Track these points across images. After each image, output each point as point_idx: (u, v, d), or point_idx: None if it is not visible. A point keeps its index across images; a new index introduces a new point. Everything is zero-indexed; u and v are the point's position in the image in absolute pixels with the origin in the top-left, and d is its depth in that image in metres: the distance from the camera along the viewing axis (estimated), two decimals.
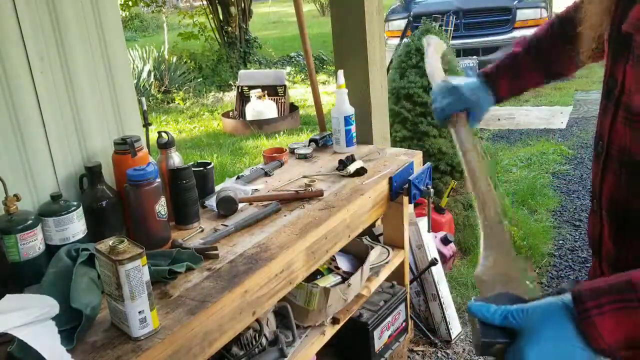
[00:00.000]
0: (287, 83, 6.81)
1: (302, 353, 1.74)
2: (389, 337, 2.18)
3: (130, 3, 9.33)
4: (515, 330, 0.74)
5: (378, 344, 2.11)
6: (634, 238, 0.89)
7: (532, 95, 6.70)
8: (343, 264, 2.05)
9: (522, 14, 6.84)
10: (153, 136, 1.94)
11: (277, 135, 6.07)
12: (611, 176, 0.90)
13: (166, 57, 8.67)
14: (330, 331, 1.86)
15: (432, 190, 2.12)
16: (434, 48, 1.45)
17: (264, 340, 1.69)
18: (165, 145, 1.73)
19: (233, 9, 9.60)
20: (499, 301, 0.79)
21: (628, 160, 0.86)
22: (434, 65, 1.41)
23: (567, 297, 0.72)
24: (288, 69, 9.57)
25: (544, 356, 0.71)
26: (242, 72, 7.13)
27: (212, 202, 1.82)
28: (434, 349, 2.56)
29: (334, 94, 2.59)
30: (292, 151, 2.36)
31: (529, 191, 4.06)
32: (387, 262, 2.15)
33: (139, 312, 1.16)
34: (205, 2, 9.84)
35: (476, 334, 0.78)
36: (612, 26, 0.89)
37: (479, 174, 1.16)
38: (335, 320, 1.87)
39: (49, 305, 1.17)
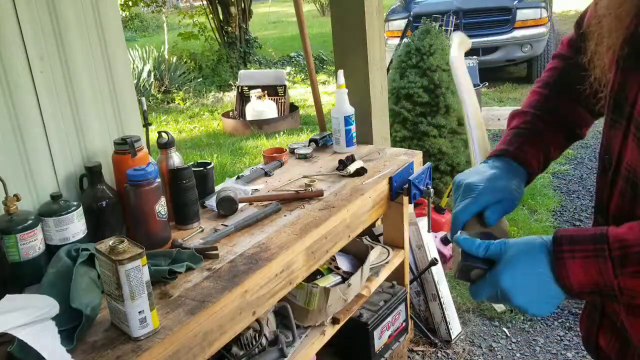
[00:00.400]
0: (287, 83, 6.81)
1: (302, 353, 1.74)
2: (389, 337, 2.18)
3: (130, 3, 9.32)
4: (494, 260, 0.83)
5: (378, 344, 2.11)
6: None
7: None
8: (343, 264, 2.05)
9: (522, 14, 6.83)
10: (153, 136, 1.94)
11: (277, 135, 6.07)
12: (619, 193, 0.86)
13: (166, 57, 8.67)
14: (330, 331, 1.86)
15: (432, 190, 2.12)
16: (458, 44, 1.32)
17: (264, 340, 1.69)
18: (165, 145, 1.73)
19: (233, 9, 9.60)
20: (482, 235, 0.89)
21: (638, 182, 0.82)
22: (460, 71, 1.25)
23: (548, 237, 0.80)
24: (288, 69, 9.57)
25: (518, 281, 0.79)
26: (242, 72, 7.13)
27: (212, 202, 1.83)
28: (434, 349, 2.56)
29: (334, 94, 2.59)
30: (292, 151, 2.36)
31: (529, 191, 4.06)
32: (387, 262, 2.15)
33: (139, 312, 1.16)
34: (205, 2, 9.84)
35: (457, 260, 0.86)
36: (625, 40, 0.82)
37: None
38: (335, 320, 1.87)
39: (49, 305, 1.17)
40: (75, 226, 1.46)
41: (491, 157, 1.05)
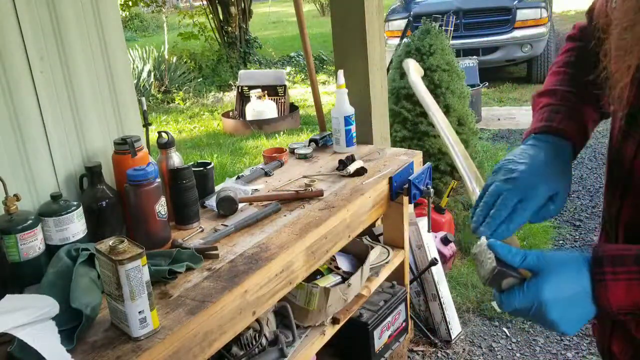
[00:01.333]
0: (287, 83, 6.81)
1: (302, 353, 1.74)
2: (389, 337, 2.18)
3: (130, 3, 9.32)
4: (531, 270, 0.78)
5: (378, 344, 2.11)
6: None
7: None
8: (343, 264, 2.05)
9: (522, 14, 6.83)
10: (153, 136, 1.94)
11: (277, 135, 6.07)
12: (632, 206, 0.84)
13: (166, 57, 8.67)
14: (330, 331, 1.86)
15: (432, 190, 2.12)
16: (414, 69, 1.31)
17: (264, 340, 1.69)
18: (165, 145, 1.73)
19: (233, 9, 9.60)
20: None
21: None
22: (419, 88, 1.23)
23: (589, 254, 0.76)
24: (288, 69, 9.57)
25: (560, 295, 0.75)
26: (242, 72, 7.13)
27: (212, 202, 1.82)
28: (434, 349, 2.56)
29: (334, 94, 2.59)
30: (292, 151, 2.36)
31: None
32: (387, 262, 2.15)
33: (139, 312, 1.16)
34: (205, 2, 9.84)
35: (488, 265, 0.79)
36: None
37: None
38: (335, 320, 1.87)
39: (49, 305, 1.17)
40: (75, 226, 1.46)
41: (532, 136, 0.95)
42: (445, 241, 3.01)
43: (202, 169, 1.88)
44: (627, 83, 0.77)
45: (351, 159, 2.11)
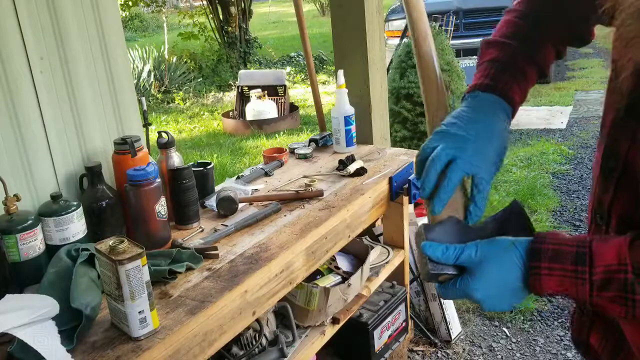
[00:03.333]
0: (287, 83, 6.81)
1: (302, 353, 1.74)
2: (389, 337, 2.18)
3: (130, 3, 9.32)
4: (465, 266, 0.80)
5: (378, 344, 2.11)
6: None
7: (531, 95, 6.69)
8: (343, 264, 2.05)
9: None
10: (153, 136, 1.94)
11: (277, 135, 6.07)
12: (625, 195, 0.82)
13: (166, 57, 8.67)
14: (330, 331, 1.86)
15: None
16: None
17: (264, 340, 1.69)
18: (165, 145, 1.73)
19: (233, 9, 9.61)
20: (447, 229, 0.84)
21: None
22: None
23: (522, 244, 0.77)
24: (288, 69, 9.57)
25: (489, 291, 0.79)
26: (242, 72, 7.13)
27: (212, 202, 1.82)
28: (434, 349, 2.56)
29: (334, 94, 2.59)
30: (292, 151, 2.36)
31: (529, 191, 4.06)
32: (387, 262, 2.15)
33: (139, 312, 1.16)
34: (205, 2, 9.84)
35: (424, 265, 0.83)
36: None
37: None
38: (335, 320, 1.87)
39: (49, 305, 1.17)
40: (75, 226, 1.46)
41: (473, 91, 0.93)
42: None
43: (202, 169, 1.88)
44: (627, 76, 0.75)
45: (351, 159, 2.11)
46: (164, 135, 1.73)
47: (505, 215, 0.89)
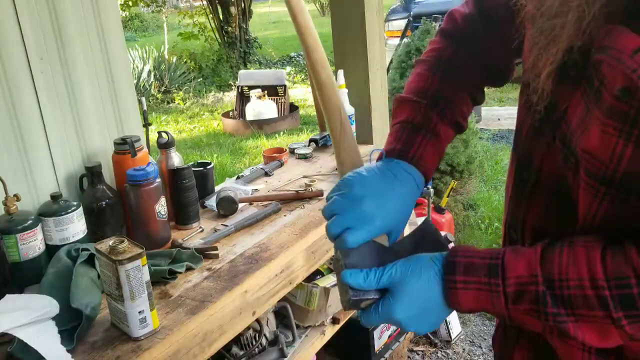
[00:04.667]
0: (287, 83, 6.81)
1: (302, 353, 1.74)
2: (389, 337, 2.18)
3: (130, 3, 9.33)
4: (387, 288, 0.77)
5: (378, 344, 2.11)
6: None
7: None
8: None
9: None
10: (153, 136, 1.94)
11: (277, 135, 6.07)
12: (539, 207, 0.80)
13: (166, 57, 8.67)
14: (330, 331, 1.86)
15: (432, 190, 2.12)
16: None
17: (264, 340, 1.69)
18: (165, 145, 1.73)
19: (233, 9, 9.61)
20: (365, 253, 0.79)
21: (563, 189, 0.74)
22: None
23: (439, 259, 0.75)
24: (288, 69, 9.57)
25: (410, 312, 0.76)
26: (242, 72, 7.13)
27: (212, 202, 1.82)
28: (434, 349, 2.56)
29: None
30: (292, 151, 2.36)
31: None
32: None
33: (139, 312, 1.16)
34: (205, 2, 9.84)
35: (345, 293, 0.79)
36: (567, 50, 0.69)
37: None
38: (335, 320, 1.87)
39: (49, 305, 1.17)
40: (75, 226, 1.46)
41: (390, 160, 0.87)
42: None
43: (202, 169, 1.88)
44: (550, 72, 0.71)
45: None
46: (164, 135, 1.73)
47: (420, 234, 0.85)
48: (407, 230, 0.90)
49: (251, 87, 6.49)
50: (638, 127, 0.62)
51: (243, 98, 6.61)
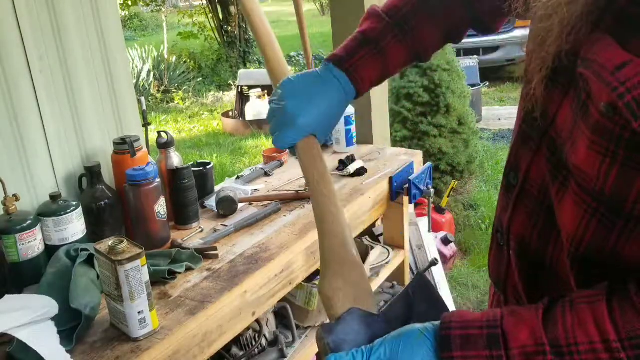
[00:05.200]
0: None
1: (302, 353, 1.74)
2: None
3: (129, 2, 9.33)
4: None
5: None
6: (549, 288, 0.76)
7: None
8: None
9: None
10: (152, 136, 1.93)
11: None
12: (524, 216, 0.77)
13: (166, 56, 8.66)
14: None
15: (432, 190, 2.12)
16: None
17: (263, 341, 1.68)
18: (164, 145, 1.72)
19: (233, 9, 9.60)
20: (350, 327, 0.75)
21: (547, 200, 0.72)
22: None
23: (432, 333, 0.69)
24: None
25: None
26: (241, 71, 7.13)
27: (211, 202, 1.82)
28: None
29: None
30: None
31: None
32: (387, 263, 2.15)
33: (139, 313, 1.15)
34: (204, 2, 9.84)
35: None
36: (557, 54, 0.67)
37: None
38: None
39: (49, 305, 1.17)
40: (74, 226, 1.46)
41: (330, 65, 0.92)
42: (445, 241, 3.00)
43: (201, 169, 1.87)
44: (541, 78, 0.69)
45: (351, 159, 2.11)
46: (163, 135, 1.73)
47: (412, 291, 0.80)
48: (406, 230, 0.90)
49: (251, 87, 6.49)
50: (623, 146, 0.60)
51: (243, 98, 6.61)
